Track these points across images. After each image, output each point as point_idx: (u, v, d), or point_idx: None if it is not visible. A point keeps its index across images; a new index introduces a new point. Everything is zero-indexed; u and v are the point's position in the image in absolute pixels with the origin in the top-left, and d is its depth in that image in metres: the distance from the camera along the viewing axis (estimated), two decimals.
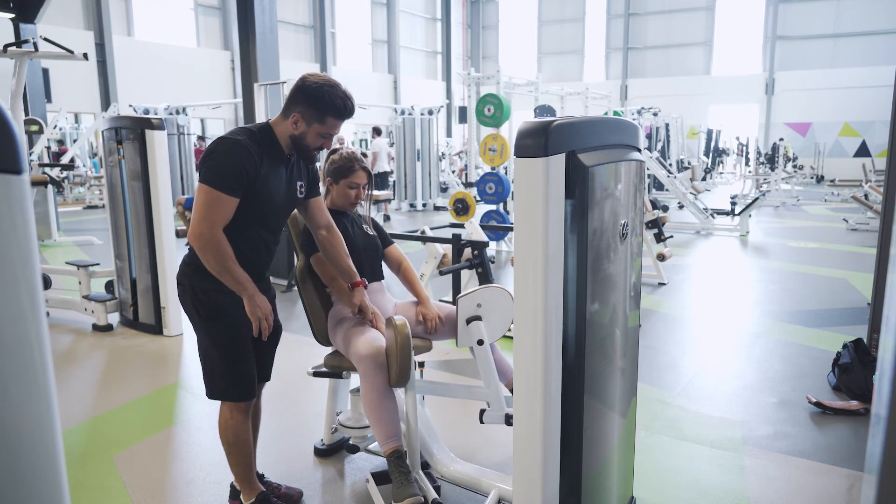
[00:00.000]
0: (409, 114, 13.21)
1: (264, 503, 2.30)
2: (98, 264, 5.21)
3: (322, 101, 2.06)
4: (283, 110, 2.14)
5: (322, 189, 2.54)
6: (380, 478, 2.36)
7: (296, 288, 3.12)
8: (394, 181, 13.53)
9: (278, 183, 2.15)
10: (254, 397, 2.25)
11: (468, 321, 2.19)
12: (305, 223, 2.43)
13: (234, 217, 2.05)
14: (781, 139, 16.73)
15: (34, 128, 10.29)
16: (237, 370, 2.17)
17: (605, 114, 12.43)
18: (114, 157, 4.72)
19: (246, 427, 2.24)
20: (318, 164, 2.48)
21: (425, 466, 2.44)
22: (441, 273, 4.22)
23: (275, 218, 2.20)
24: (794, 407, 3.34)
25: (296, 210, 2.39)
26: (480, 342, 2.19)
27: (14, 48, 6.06)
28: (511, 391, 2.44)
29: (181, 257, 2.22)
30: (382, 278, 2.68)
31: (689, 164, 17.04)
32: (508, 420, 2.23)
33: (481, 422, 2.26)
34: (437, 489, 2.36)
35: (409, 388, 2.32)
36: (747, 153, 19.90)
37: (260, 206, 2.10)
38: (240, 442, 2.23)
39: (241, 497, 2.32)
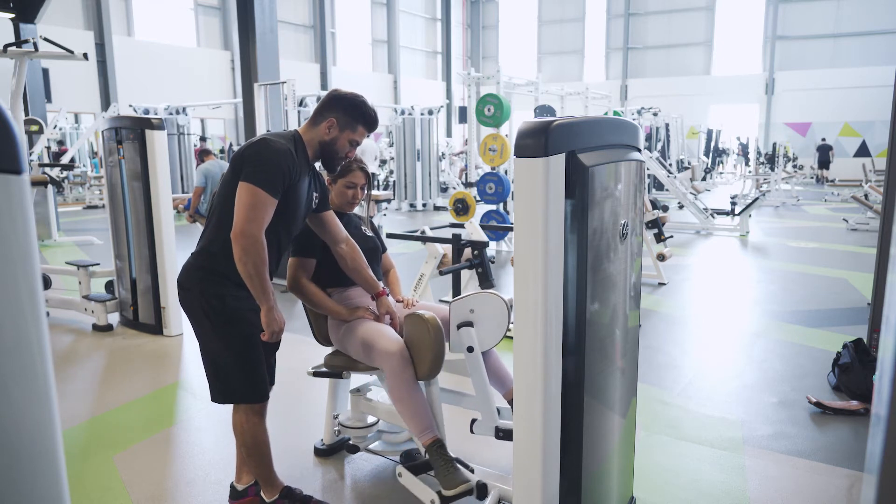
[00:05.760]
0: (409, 114, 13.22)
1: (289, 497, 2.32)
2: (98, 264, 5.20)
3: (357, 110, 2.19)
4: (314, 118, 2.21)
5: None
6: (416, 469, 2.33)
7: None
8: (394, 181, 13.55)
9: (303, 191, 2.19)
10: (268, 398, 2.26)
11: (459, 326, 2.17)
12: (323, 239, 2.44)
13: None
14: (824, 139, 16.53)
15: (34, 128, 10.29)
16: (255, 373, 2.19)
17: (605, 114, 12.43)
18: (114, 157, 4.72)
19: (263, 428, 2.26)
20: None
21: None
22: (441, 273, 4.22)
23: (295, 225, 2.24)
24: (794, 407, 3.34)
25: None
26: (470, 349, 2.16)
27: (14, 48, 6.06)
28: (509, 403, 2.43)
29: (181, 258, 2.22)
30: (381, 279, 2.69)
31: (689, 164, 17.04)
32: (498, 433, 2.21)
33: (472, 432, 2.25)
34: (472, 471, 2.35)
35: (432, 381, 2.33)
36: (746, 153, 19.90)
37: (287, 212, 2.14)
38: (259, 444, 2.25)
39: (263, 494, 2.33)
